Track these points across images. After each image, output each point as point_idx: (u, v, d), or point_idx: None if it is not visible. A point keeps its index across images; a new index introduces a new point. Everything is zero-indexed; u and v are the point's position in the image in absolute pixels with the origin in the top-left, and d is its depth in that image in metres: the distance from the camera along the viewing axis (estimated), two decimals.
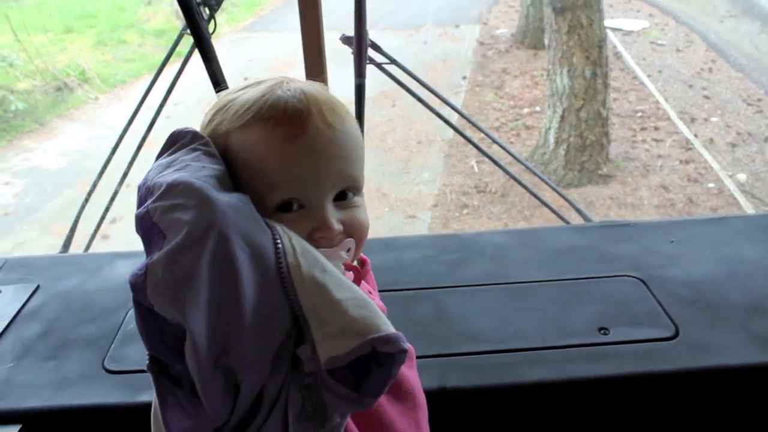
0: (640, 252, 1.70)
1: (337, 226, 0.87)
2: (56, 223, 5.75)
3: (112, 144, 2.64)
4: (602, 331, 1.42)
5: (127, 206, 2.63)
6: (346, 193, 0.89)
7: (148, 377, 1.25)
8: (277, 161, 0.83)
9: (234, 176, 0.84)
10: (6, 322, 1.52)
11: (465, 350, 1.40)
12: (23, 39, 8.85)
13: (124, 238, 4.90)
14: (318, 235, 0.86)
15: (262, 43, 9.66)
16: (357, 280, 0.91)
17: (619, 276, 1.61)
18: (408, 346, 0.77)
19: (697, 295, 1.52)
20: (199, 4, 1.92)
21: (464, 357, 1.38)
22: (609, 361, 1.34)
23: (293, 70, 8.79)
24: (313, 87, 0.89)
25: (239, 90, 0.90)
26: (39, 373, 1.37)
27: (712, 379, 1.34)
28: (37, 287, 1.66)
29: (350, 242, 0.90)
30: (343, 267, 0.88)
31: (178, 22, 10.62)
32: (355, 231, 0.90)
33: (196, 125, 0.86)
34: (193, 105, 6.62)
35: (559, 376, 1.31)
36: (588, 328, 1.43)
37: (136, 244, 0.77)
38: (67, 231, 2.48)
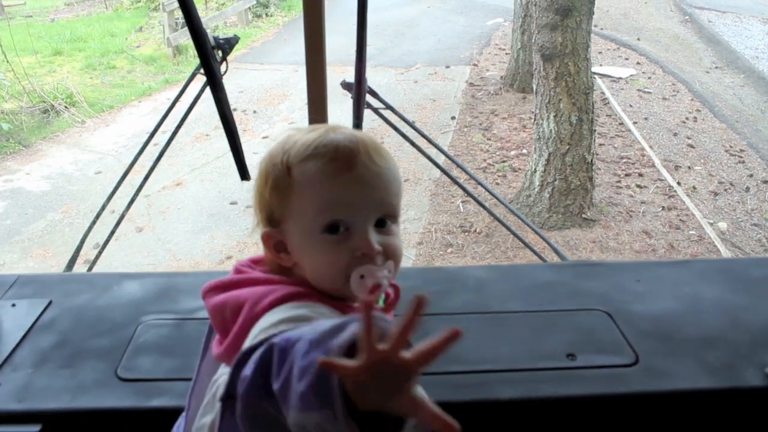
0: (609, 289, 1.83)
1: (378, 247, 1.01)
2: (38, 246, 5.72)
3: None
4: (570, 357, 1.55)
5: (114, 235, 2.60)
6: (385, 221, 1.05)
7: (160, 384, 1.46)
8: (330, 189, 1.00)
9: (291, 201, 1.02)
10: (22, 333, 1.62)
11: (446, 369, 1.51)
12: (11, 59, 8.84)
13: (107, 263, 4.87)
14: (359, 253, 1.01)
15: (253, 75, 9.72)
16: (396, 295, 1.07)
17: (588, 309, 1.74)
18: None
19: (657, 328, 1.66)
20: (213, 48, 2.17)
21: (445, 375, 1.49)
22: (575, 383, 1.49)
23: (283, 103, 8.85)
24: (360, 132, 1.08)
25: (300, 132, 1.07)
26: (56, 378, 1.48)
27: (667, 401, 1.48)
28: (50, 302, 1.74)
29: (391, 264, 1.04)
30: (388, 283, 1.03)
31: (168, 50, 10.70)
32: (392, 254, 1.04)
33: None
34: (181, 134, 6.62)
35: (530, 395, 1.45)
36: (557, 353, 1.57)
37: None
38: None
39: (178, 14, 10.94)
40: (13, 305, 1.72)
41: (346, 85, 2.30)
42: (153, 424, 1.39)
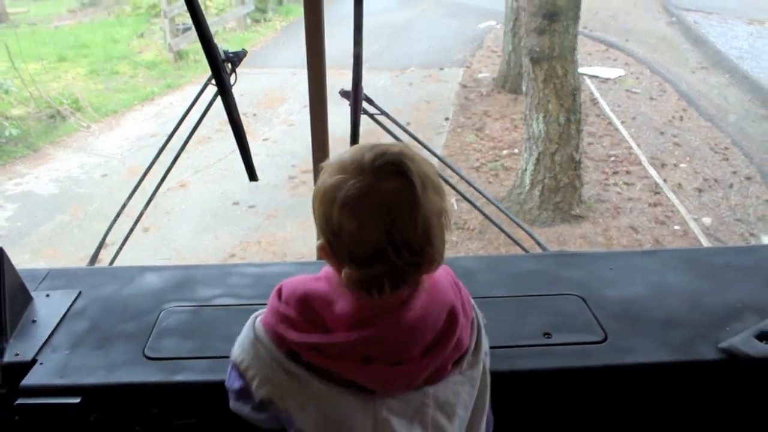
0: (584, 276, 1.98)
1: None
2: (47, 247, 5.88)
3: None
4: (546, 336, 1.71)
5: (121, 234, 2.78)
6: None
7: (182, 362, 1.60)
8: None
9: None
10: (57, 320, 1.78)
11: None
12: (18, 66, 9.01)
13: (118, 261, 5.00)
14: None
15: (252, 78, 9.86)
16: None
17: (564, 294, 1.89)
18: None
19: (625, 310, 1.82)
20: (224, 61, 2.29)
21: None
22: (550, 358, 1.65)
23: (282, 106, 9.03)
24: None
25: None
26: (91, 358, 1.64)
27: (631, 373, 1.65)
28: (80, 293, 1.90)
29: None
30: None
31: (170, 55, 10.90)
32: None
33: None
34: (184, 138, 6.79)
35: (511, 368, 1.60)
36: (535, 333, 1.73)
37: None
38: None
39: (179, 20, 11.15)
40: (47, 295, 1.87)
41: (344, 94, 2.45)
42: (178, 397, 1.57)
